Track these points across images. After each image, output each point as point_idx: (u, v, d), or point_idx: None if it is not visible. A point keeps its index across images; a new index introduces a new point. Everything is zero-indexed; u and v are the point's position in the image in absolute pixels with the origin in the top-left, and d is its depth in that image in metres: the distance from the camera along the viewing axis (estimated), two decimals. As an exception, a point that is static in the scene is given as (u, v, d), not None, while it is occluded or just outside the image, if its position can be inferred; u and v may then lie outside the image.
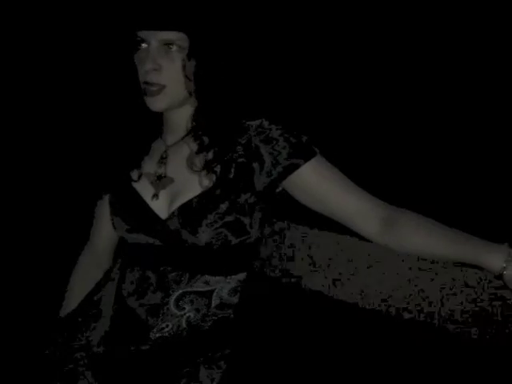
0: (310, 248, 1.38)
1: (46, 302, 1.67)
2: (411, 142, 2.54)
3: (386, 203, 1.24)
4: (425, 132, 2.54)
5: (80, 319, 1.39)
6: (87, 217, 1.52)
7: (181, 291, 1.26)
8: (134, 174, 1.34)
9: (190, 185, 1.26)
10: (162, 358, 1.25)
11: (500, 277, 1.10)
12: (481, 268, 1.13)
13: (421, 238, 1.18)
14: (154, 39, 1.20)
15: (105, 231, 1.48)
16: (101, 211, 1.47)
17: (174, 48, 1.20)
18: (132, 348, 1.26)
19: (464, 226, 1.17)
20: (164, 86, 1.22)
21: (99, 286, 1.43)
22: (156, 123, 1.36)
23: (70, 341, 1.36)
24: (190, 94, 1.24)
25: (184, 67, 1.20)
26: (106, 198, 1.42)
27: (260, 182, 1.25)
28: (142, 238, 1.30)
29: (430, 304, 1.20)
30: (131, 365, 1.26)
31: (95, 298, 1.41)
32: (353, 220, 1.24)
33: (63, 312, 1.48)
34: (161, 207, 1.29)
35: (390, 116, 2.57)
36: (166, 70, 1.21)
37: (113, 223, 1.37)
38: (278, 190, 1.31)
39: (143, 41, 1.21)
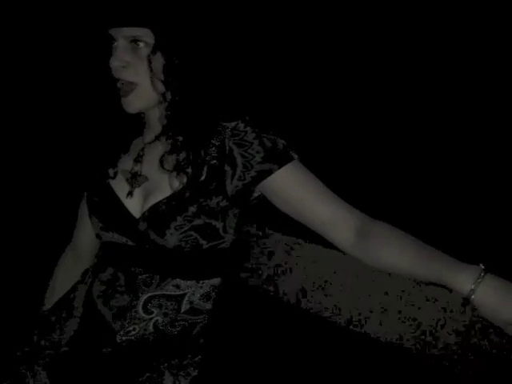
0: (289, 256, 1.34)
1: (26, 300, 1.66)
2: (398, 146, 2.49)
3: (363, 214, 1.19)
4: (413, 136, 2.49)
5: (53, 318, 1.37)
6: (69, 215, 1.51)
7: (150, 294, 1.23)
8: (111, 172, 1.32)
9: (162, 185, 1.23)
10: (124, 362, 1.22)
11: (468, 301, 1.03)
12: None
13: (390, 253, 1.13)
14: (120, 36, 1.18)
15: (86, 231, 1.46)
16: (83, 211, 1.45)
17: (141, 45, 1.17)
18: (95, 350, 1.23)
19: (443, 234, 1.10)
20: (134, 84, 1.19)
21: (75, 286, 1.41)
22: (137, 121, 1.34)
23: (41, 339, 1.34)
24: (163, 90, 1.20)
25: (150, 63, 1.17)
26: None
27: (232, 185, 1.21)
28: (115, 237, 1.27)
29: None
30: (92, 367, 1.23)
31: (70, 297, 1.39)
32: (326, 229, 1.20)
33: (41, 310, 1.47)
34: (134, 206, 1.26)
35: (377, 120, 2.52)
36: (133, 67, 1.18)
37: (91, 221, 1.35)
38: (255, 195, 1.27)
39: (113, 39, 1.19)
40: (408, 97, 2.48)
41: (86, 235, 1.47)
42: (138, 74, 1.18)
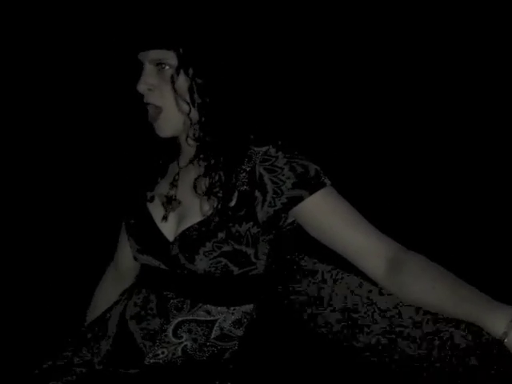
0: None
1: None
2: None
3: (396, 243, 1.16)
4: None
5: (89, 335, 1.39)
6: (110, 234, 1.54)
7: (181, 319, 1.23)
8: (149, 195, 1.34)
9: (194, 209, 1.23)
10: None
11: (500, 343, 0.97)
12: None
13: (421, 289, 1.09)
14: (146, 60, 1.20)
15: (126, 252, 1.47)
16: (124, 232, 1.47)
17: (166, 67, 1.18)
18: (123, 371, 1.24)
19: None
20: (159, 108, 1.21)
21: (112, 306, 1.43)
22: (173, 145, 1.35)
23: (74, 355, 1.36)
24: (188, 111, 1.20)
25: (174, 84, 1.18)
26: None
27: (263, 212, 1.19)
28: (150, 260, 1.29)
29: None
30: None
31: (107, 317, 1.41)
32: (357, 258, 1.17)
33: (83, 327, 1.50)
34: (169, 230, 1.27)
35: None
36: (158, 90, 1.20)
37: (129, 243, 1.37)
38: (289, 221, 1.25)
39: (142, 63, 1.21)
40: (414, 103, 2.43)
41: (126, 256, 1.49)
42: (163, 96, 1.20)
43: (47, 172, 2.55)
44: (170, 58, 1.17)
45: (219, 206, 1.19)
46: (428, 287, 1.08)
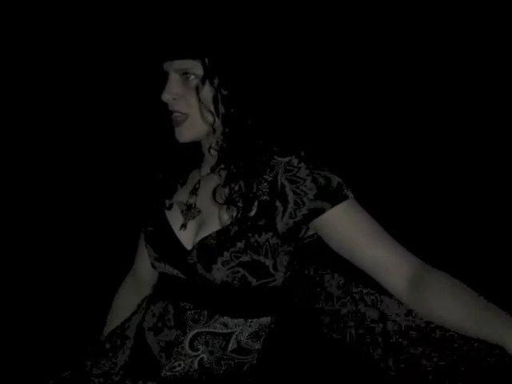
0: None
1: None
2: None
3: (418, 260, 1.13)
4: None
5: (108, 346, 1.38)
6: (130, 241, 1.53)
7: (197, 331, 1.20)
8: (167, 203, 1.33)
9: (213, 218, 1.21)
10: None
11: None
12: None
13: (443, 307, 1.06)
14: (171, 69, 1.20)
15: (145, 260, 1.46)
16: (143, 240, 1.46)
17: (192, 77, 1.18)
18: (140, 383, 1.22)
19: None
20: (186, 115, 1.20)
21: (131, 316, 1.42)
22: (194, 153, 1.34)
23: (94, 366, 1.35)
24: (212, 122, 1.20)
25: (199, 94, 1.17)
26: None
27: (283, 223, 1.17)
28: (167, 269, 1.27)
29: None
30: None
31: (125, 327, 1.40)
32: (378, 273, 1.13)
33: (102, 336, 1.49)
34: (187, 238, 1.25)
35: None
36: (184, 99, 1.19)
37: (147, 251, 1.36)
38: (309, 233, 1.22)
39: (167, 72, 1.21)
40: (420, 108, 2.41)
41: (145, 264, 1.47)
42: (188, 105, 1.19)
43: (67, 179, 2.57)
44: (196, 67, 1.17)
45: (239, 216, 1.17)
46: (450, 306, 1.05)
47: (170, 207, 1.32)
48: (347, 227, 1.15)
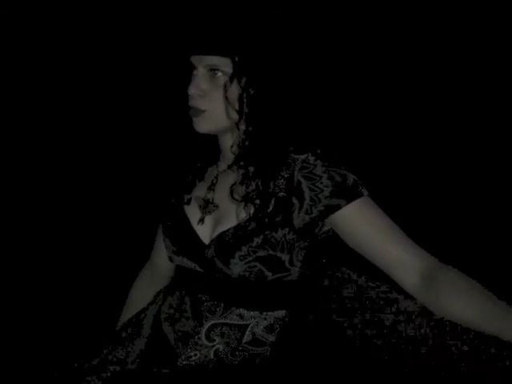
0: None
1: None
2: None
3: (431, 257, 1.15)
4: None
5: (124, 335, 1.42)
6: (147, 234, 1.56)
7: (213, 322, 1.24)
8: (186, 197, 1.36)
9: (231, 214, 1.24)
10: None
11: None
12: None
13: (456, 304, 1.08)
14: (200, 64, 1.21)
15: (162, 252, 1.49)
16: (160, 233, 1.49)
17: (219, 74, 1.19)
18: (156, 371, 1.25)
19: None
20: (203, 111, 1.22)
21: (147, 306, 1.45)
22: (212, 150, 1.36)
23: (109, 353, 1.39)
24: (236, 120, 1.22)
25: (226, 92, 1.19)
26: None
27: (299, 219, 1.20)
28: (185, 262, 1.30)
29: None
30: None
31: (141, 317, 1.43)
32: (392, 269, 1.16)
33: (118, 326, 1.52)
34: (205, 232, 1.28)
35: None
36: (208, 96, 1.21)
37: (165, 244, 1.39)
38: (325, 229, 1.25)
39: (194, 66, 1.23)
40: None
41: (162, 256, 1.50)
42: (211, 101, 1.21)
43: (86, 172, 2.61)
44: (225, 65, 1.18)
45: (256, 212, 1.20)
46: (462, 303, 1.08)
47: (189, 202, 1.35)
48: (362, 223, 1.18)
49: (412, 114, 2.48)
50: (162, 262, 1.52)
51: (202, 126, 1.24)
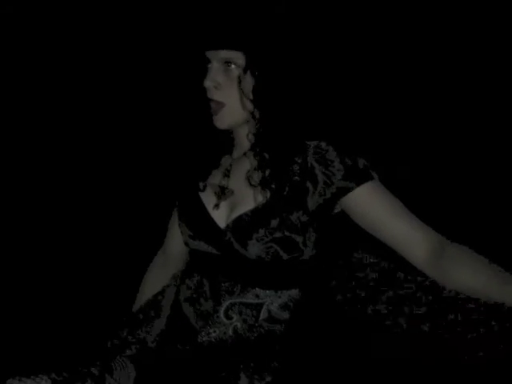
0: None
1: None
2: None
3: (438, 235, 1.24)
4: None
5: (141, 316, 1.48)
6: (159, 222, 1.62)
7: (231, 301, 1.31)
8: (201, 185, 1.42)
9: (247, 199, 1.31)
10: (203, 360, 1.30)
11: None
12: None
13: (464, 275, 1.17)
14: (215, 58, 1.28)
15: (176, 238, 1.55)
16: (175, 219, 1.55)
17: (233, 66, 1.26)
18: (179, 347, 1.32)
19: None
20: (223, 104, 1.29)
21: (164, 289, 1.51)
22: (227, 138, 1.43)
23: (128, 334, 1.45)
24: (251, 110, 1.29)
25: (240, 84, 1.26)
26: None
27: (313, 201, 1.27)
28: (202, 246, 1.36)
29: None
30: (176, 363, 1.31)
31: (159, 299, 1.49)
32: (401, 248, 1.24)
33: (134, 309, 1.58)
34: (220, 217, 1.35)
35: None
36: (224, 88, 1.28)
37: (180, 229, 1.45)
38: (335, 211, 1.32)
39: (209, 60, 1.30)
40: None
41: (176, 242, 1.57)
42: (228, 94, 1.28)
43: (103, 161, 2.64)
44: (239, 58, 1.25)
45: (272, 196, 1.27)
46: (470, 273, 1.16)
47: (204, 188, 1.41)
48: (372, 204, 1.26)
49: (422, 103, 2.51)
50: (175, 247, 1.59)
51: (223, 122, 1.32)
